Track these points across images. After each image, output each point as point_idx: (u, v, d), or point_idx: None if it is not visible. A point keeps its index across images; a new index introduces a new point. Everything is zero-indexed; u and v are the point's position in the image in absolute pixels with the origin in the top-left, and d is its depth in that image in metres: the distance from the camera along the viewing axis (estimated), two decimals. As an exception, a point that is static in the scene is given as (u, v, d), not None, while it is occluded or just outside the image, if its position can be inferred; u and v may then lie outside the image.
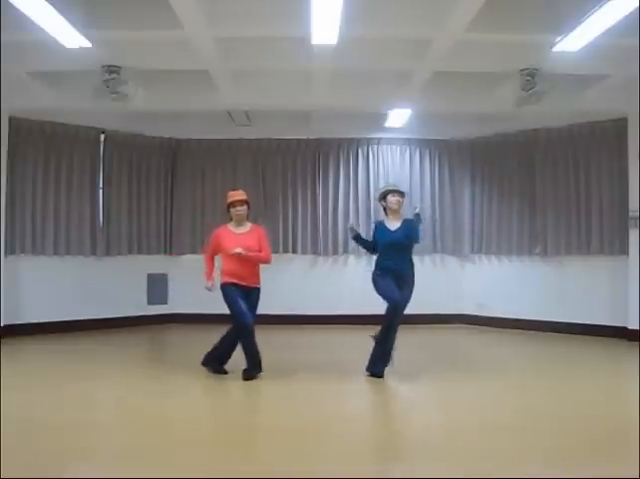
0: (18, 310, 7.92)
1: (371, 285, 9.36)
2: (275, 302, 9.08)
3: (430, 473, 3.45)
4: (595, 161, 8.24)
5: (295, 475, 3.36)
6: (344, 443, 3.97)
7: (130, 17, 5.39)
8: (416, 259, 9.33)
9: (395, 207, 5.83)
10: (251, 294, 5.68)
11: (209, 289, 5.79)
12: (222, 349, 5.74)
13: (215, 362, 5.76)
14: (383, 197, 5.93)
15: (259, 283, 5.75)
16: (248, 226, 5.84)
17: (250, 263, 5.65)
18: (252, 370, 5.57)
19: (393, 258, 5.76)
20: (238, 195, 5.84)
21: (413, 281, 5.83)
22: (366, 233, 9.49)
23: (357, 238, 6.09)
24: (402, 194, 5.91)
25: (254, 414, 4.84)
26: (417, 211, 5.96)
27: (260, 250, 5.70)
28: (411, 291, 5.83)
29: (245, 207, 5.78)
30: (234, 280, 5.61)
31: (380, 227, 5.94)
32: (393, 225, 5.83)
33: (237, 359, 5.65)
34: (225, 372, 5.71)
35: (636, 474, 3.26)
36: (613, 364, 6.74)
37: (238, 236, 5.71)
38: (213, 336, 8.44)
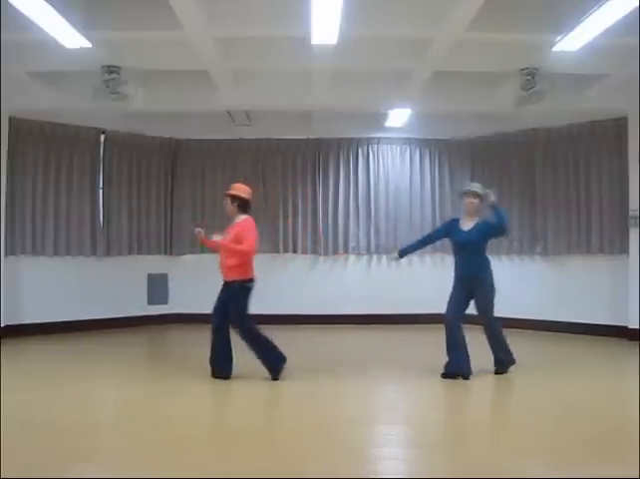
0: (18, 310, 7.92)
1: (373, 285, 9.49)
2: (275, 302, 9.10)
3: (429, 473, 3.46)
4: (595, 161, 8.24)
5: (294, 475, 3.36)
6: (344, 443, 3.97)
7: (130, 17, 5.40)
8: (416, 259, 9.57)
9: (468, 208, 5.72)
10: (226, 289, 5.61)
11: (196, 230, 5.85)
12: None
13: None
14: (460, 197, 5.87)
15: (233, 277, 5.51)
16: (239, 219, 5.71)
17: (223, 256, 5.57)
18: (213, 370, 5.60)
19: (465, 260, 5.71)
20: (230, 189, 5.78)
21: (489, 283, 5.73)
22: (366, 232, 9.55)
23: (404, 255, 6.10)
24: (477, 195, 5.68)
25: (255, 414, 4.84)
26: (491, 200, 5.62)
27: (239, 243, 5.52)
28: (486, 295, 5.73)
29: (229, 200, 5.69)
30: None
31: (453, 225, 5.84)
32: (467, 225, 5.74)
33: (244, 361, 5.65)
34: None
35: (636, 474, 3.26)
36: (613, 364, 6.73)
37: (229, 229, 5.70)
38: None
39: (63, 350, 7.22)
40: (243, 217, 5.68)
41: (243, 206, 5.69)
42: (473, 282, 5.70)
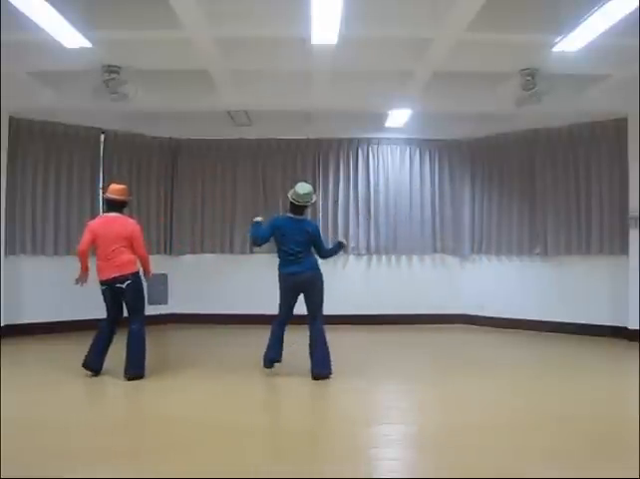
0: (18, 310, 7.92)
1: (373, 285, 9.51)
2: (275, 303, 9.10)
3: (429, 473, 3.46)
4: (595, 161, 8.24)
5: (292, 475, 3.36)
6: (344, 443, 3.97)
7: (130, 17, 5.40)
8: (416, 259, 9.58)
9: (299, 213, 5.79)
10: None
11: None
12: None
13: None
14: (293, 200, 5.77)
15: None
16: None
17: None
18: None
19: (298, 259, 5.72)
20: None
21: (322, 282, 5.81)
22: (366, 232, 9.55)
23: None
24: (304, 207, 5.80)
25: (255, 414, 4.84)
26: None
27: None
28: (322, 294, 5.82)
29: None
30: None
31: (280, 223, 5.83)
32: (297, 223, 5.76)
33: (240, 361, 5.65)
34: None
35: (636, 474, 3.26)
36: (613, 364, 6.74)
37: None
38: (213, 336, 8.50)
39: (62, 350, 7.21)
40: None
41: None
42: (307, 282, 5.71)
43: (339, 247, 6.18)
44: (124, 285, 5.65)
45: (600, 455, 3.71)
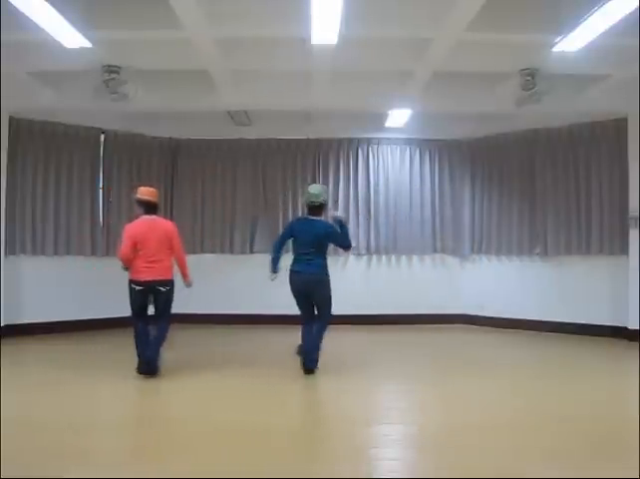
0: (18, 310, 7.92)
1: (373, 285, 9.49)
2: (275, 303, 9.11)
3: (429, 473, 3.46)
4: (595, 161, 8.24)
5: (292, 475, 3.36)
6: (344, 443, 3.97)
7: (130, 17, 5.40)
8: (416, 259, 9.58)
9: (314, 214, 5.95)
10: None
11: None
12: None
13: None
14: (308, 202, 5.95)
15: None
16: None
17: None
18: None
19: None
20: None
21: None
22: (366, 232, 9.54)
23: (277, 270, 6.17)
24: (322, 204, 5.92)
25: (254, 414, 4.83)
26: (337, 215, 6.08)
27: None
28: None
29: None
30: None
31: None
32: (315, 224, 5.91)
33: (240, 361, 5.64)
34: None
35: (636, 474, 3.26)
36: (613, 364, 6.74)
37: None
38: (213, 336, 8.49)
39: (62, 350, 7.21)
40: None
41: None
42: (311, 282, 5.96)
43: (341, 225, 6.05)
44: (163, 289, 5.68)
45: (600, 455, 3.71)
